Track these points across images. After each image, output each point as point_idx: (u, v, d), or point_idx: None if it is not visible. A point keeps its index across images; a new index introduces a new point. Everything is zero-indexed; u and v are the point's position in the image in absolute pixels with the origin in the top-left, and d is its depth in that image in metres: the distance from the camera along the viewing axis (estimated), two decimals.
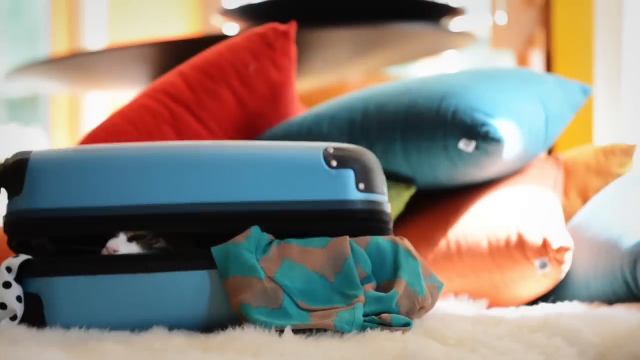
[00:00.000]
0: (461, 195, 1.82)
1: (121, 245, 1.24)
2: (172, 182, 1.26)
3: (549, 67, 2.79)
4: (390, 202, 1.77)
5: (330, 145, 1.28)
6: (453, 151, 1.71)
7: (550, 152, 2.41)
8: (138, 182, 1.26)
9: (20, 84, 3.51)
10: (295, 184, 1.25)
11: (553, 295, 1.68)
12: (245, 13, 2.67)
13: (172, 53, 2.51)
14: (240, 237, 1.24)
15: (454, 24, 2.72)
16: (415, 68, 3.79)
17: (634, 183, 1.74)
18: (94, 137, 1.84)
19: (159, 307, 1.23)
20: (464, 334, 1.14)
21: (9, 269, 1.24)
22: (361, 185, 1.26)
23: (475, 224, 1.72)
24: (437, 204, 1.84)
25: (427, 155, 1.75)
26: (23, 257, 1.26)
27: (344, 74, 3.21)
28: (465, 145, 1.69)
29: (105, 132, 1.84)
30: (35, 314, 1.24)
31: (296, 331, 1.14)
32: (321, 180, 1.25)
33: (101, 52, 2.91)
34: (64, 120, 4.47)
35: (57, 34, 4.42)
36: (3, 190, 1.29)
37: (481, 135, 1.68)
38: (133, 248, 1.25)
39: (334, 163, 1.26)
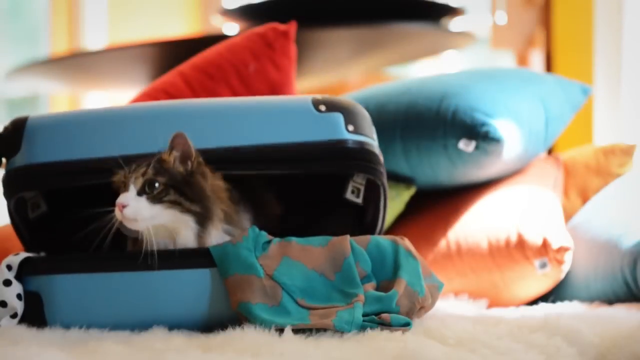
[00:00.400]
0: (461, 195, 1.82)
1: (131, 200, 1.22)
2: (169, 132, 1.27)
3: (549, 67, 2.79)
4: (390, 202, 1.77)
5: (319, 95, 1.35)
6: (453, 151, 1.71)
7: (550, 152, 2.41)
8: (132, 134, 1.30)
9: (20, 84, 3.51)
10: (288, 128, 1.30)
11: (553, 295, 1.68)
12: (245, 13, 2.67)
13: (172, 53, 2.51)
14: (238, 237, 1.25)
15: (454, 24, 2.72)
16: (415, 68, 3.79)
17: (634, 183, 1.74)
18: None
19: (160, 305, 1.24)
20: (464, 334, 1.14)
21: (9, 267, 1.25)
22: (350, 127, 1.32)
23: (475, 224, 1.72)
24: (437, 204, 1.84)
25: (427, 155, 1.75)
26: (23, 255, 1.27)
27: (344, 74, 3.21)
28: (465, 145, 1.69)
29: None
30: (35, 312, 1.24)
31: (296, 331, 1.15)
32: (312, 123, 1.31)
33: (101, 52, 2.90)
34: None
35: (57, 34, 4.42)
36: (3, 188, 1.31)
37: (481, 135, 1.68)
38: (142, 202, 1.22)
39: (323, 108, 1.32)
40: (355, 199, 1.35)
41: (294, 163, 1.29)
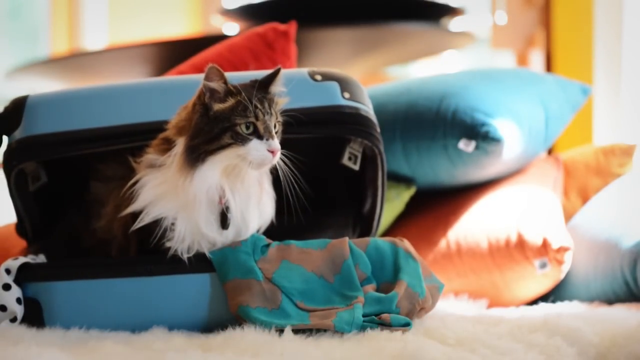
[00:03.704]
0: (461, 195, 1.82)
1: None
2: (164, 103, 1.30)
3: (549, 67, 2.79)
4: (390, 202, 1.78)
5: (315, 68, 1.41)
6: (453, 151, 1.71)
7: (550, 152, 2.41)
8: (126, 105, 1.33)
9: (20, 84, 3.51)
10: (290, 96, 1.32)
11: (553, 295, 1.68)
12: (245, 13, 2.67)
13: (172, 53, 2.51)
14: (237, 242, 1.25)
15: (454, 24, 2.72)
16: (415, 68, 3.79)
17: (634, 183, 1.74)
18: None
19: (159, 311, 1.23)
20: (464, 334, 1.14)
21: (8, 271, 1.24)
22: (346, 94, 1.37)
23: (475, 224, 1.72)
24: (437, 204, 1.84)
25: (427, 155, 1.75)
26: (22, 259, 1.26)
27: None
28: (465, 145, 1.69)
29: None
30: (35, 319, 1.24)
31: (296, 331, 1.15)
32: (310, 91, 1.37)
33: (101, 52, 2.90)
34: None
35: (57, 34, 4.41)
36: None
37: (481, 135, 1.68)
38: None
39: (319, 77, 1.38)
40: (352, 165, 1.39)
41: (293, 127, 1.31)
